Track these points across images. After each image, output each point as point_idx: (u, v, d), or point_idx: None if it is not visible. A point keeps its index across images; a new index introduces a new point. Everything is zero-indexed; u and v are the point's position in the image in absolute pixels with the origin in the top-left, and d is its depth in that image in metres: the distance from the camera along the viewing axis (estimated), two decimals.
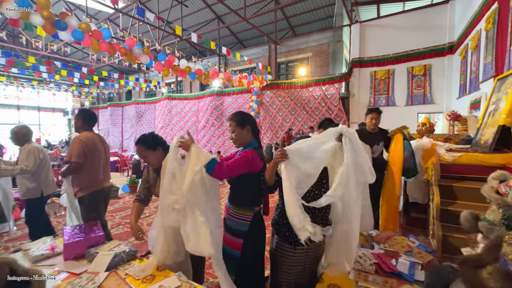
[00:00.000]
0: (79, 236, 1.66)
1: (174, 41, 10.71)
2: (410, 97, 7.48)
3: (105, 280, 1.39)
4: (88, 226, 1.83)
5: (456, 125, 4.13)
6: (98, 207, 2.52)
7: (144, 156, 1.75)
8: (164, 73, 6.74)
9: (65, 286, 1.31)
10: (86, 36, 5.00)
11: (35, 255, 1.59)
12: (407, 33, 7.48)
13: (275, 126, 10.19)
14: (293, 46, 11.20)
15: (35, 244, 1.74)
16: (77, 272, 1.45)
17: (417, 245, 1.73)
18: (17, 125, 2.89)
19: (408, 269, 1.43)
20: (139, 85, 12.89)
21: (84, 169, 2.43)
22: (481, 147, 2.86)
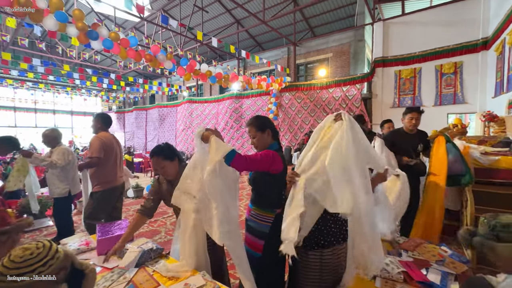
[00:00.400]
0: (111, 233, 1.77)
1: (195, 46, 11.03)
2: (439, 97, 7.07)
3: (135, 275, 1.46)
4: (118, 224, 1.94)
5: (492, 126, 3.84)
6: (108, 203, 2.74)
7: (162, 167, 1.70)
8: (186, 77, 6.97)
9: (98, 279, 1.40)
10: (115, 45, 5.32)
11: (72, 249, 1.72)
12: (435, 30, 7.09)
13: (294, 128, 10.10)
14: (312, 47, 11.07)
15: (72, 239, 1.87)
16: (110, 266, 1.54)
17: (450, 255, 1.63)
18: (47, 129, 3.12)
19: (440, 280, 1.36)
20: (162, 89, 13.43)
21: (103, 165, 2.65)
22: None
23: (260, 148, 1.69)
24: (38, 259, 0.73)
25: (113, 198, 2.77)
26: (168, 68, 6.45)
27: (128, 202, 5.25)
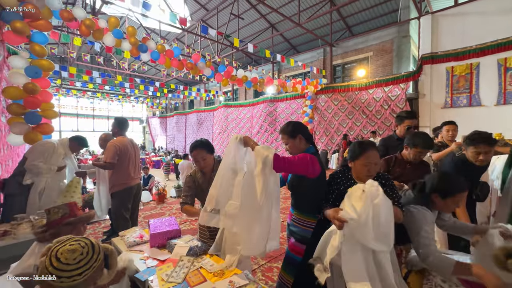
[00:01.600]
0: (161, 228, 1.92)
1: (231, 52, 11.43)
2: (503, 95, 6.19)
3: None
4: (168, 221, 2.10)
5: None
6: (127, 201, 2.96)
7: (204, 159, 1.87)
8: (223, 83, 7.25)
9: (166, 270, 1.53)
10: (161, 56, 5.80)
11: (129, 241, 1.91)
12: (496, 19, 6.26)
13: (331, 131, 9.78)
14: (350, 47, 10.64)
15: (129, 232, 2.08)
16: (162, 259, 1.67)
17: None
18: (103, 133, 3.56)
19: None
20: (200, 94, 14.19)
21: (117, 169, 2.89)
22: None
23: (294, 154, 1.69)
24: (89, 257, 0.88)
25: (129, 197, 3.01)
26: (207, 75, 6.79)
27: (171, 201, 5.63)
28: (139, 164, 3.20)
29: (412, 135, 1.95)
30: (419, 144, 1.86)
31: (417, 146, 1.86)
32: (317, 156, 1.64)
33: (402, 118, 2.36)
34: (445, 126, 2.80)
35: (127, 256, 1.62)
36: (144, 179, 7.08)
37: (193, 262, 1.60)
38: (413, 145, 1.88)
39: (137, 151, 3.17)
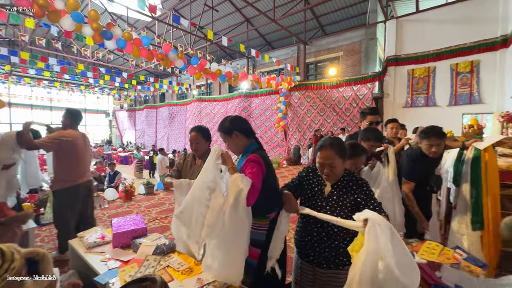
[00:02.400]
0: (125, 227, 1.82)
1: (205, 45, 11.12)
2: (454, 97, 6.87)
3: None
4: (133, 219, 1.99)
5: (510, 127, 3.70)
6: (73, 202, 2.61)
7: (197, 143, 1.96)
8: (196, 76, 7.04)
9: (130, 271, 1.46)
10: (128, 44, 5.43)
11: (88, 242, 1.78)
12: (451, 27, 6.88)
13: (303, 127, 10.05)
14: (322, 46, 10.96)
15: (89, 233, 1.94)
16: (125, 259, 1.58)
17: (465, 258, 1.59)
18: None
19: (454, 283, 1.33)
20: (172, 88, 13.63)
21: (63, 164, 2.56)
22: None
23: (237, 153, 1.59)
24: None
25: (76, 197, 2.65)
26: (179, 67, 6.54)
27: (140, 198, 5.37)
28: (89, 161, 2.90)
29: (364, 130, 2.12)
30: (372, 138, 2.00)
31: (370, 140, 2.00)
32: (261, 152, 1.53)
33: (365, 114, 2.50)
34: (389, 124, 3.02)
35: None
36: (110, 176, 6.65)
37: (160, 261, 1.54)
38: (366, 139, 2.01)
39: (88, 147, 2.85)
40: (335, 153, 1.26)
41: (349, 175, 1.36)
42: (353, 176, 1.36)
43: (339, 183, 1.34)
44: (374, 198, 1.28)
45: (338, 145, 1.29)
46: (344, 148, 1.31)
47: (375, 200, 1.27)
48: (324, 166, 1.28)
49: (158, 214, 4.35)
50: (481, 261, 1.58)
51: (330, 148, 1.27)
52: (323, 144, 1.30)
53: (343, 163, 1.31)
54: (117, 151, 15.99)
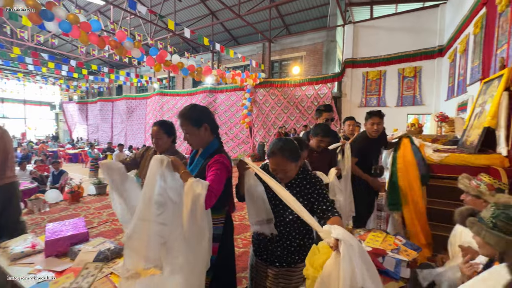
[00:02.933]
0: (61, 233, 1.61)
1: (166, 35, 10.53)
2: (401, 98, 7.62)
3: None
4: (72, 224, 1.78)
5: (443, 126, 4.22)
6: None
7: (159, 138, 1.86)
8: (156, 68, 6.62)
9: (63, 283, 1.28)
10: (74, 28, 4.85)
11: (13, 253, 1.53)
12: (399, 35, 7.59)
13: (268, 124, 10.20)
14: (287, 45, 11.21)
15: (16, 241, 1.67)
16: (59, 270, 1.40)
17: (404, 243, 1.76)
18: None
19: (394, 267, 1.45)
20: (130, 80, 12.65)
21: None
22: (467, 148, 2.92)
23: (195, 146, 1.48)
24: None
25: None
26: (136, 57, 6.07)
27: (89, 199, 4.88)
28: (11, 160, 2.48)
29: (314, 126, 2.23)
30: (320, 132, 2.09)
31: (318, 135, 2.09)
32: (224, 151, 1.47)
33: (321, 111, 2.60)
34: (347, 122, 3.29)
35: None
36: (54, 176, 5.91)
37: (102, 269, 1.39)
38: (315, 134, 2.11)
39: (8, 143, 2.41)
40: (286, 158, 1.21)
41: (304, 173, 1.33)
42: (307, 175, 1.33)
43: (293, 181, 1.32)
44: (327, 197, 1.28)
45: (289, 150, 1.23)
46: (296, 150, 1.26)
47: (327, 199, 1.26)
48: (276, 171, 1.25)
49: (110, 216, 4.00)
50: (415, 245, 1.77)
51: (280, 154, 1.22)
52: (273, 150, 1.24)
53: (296, 165, 1.27)
54: (66, 148, 14.33)
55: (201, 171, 1.41)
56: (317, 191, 1.28)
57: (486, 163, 2.49)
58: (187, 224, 1.16)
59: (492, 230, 0.92)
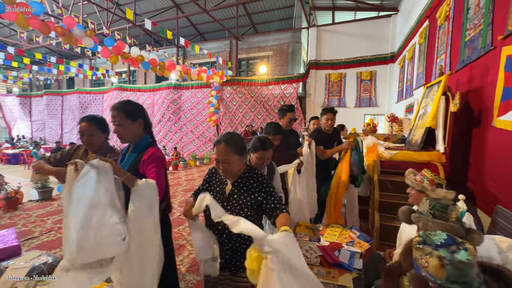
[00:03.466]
0: None
1: (125, 26, 9.79)
2: (359, 100, 8.18)
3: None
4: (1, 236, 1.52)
5: (394, 126, 4.63)
6: None
7: (91, 135, 1.62)
8: (112, 60, 6.09)
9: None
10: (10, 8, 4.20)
11: None
12: (358, 41, 8.13)
13: (235, 122, 10.13)
14: (254, 43, 11.24)
15: None
16: None
17: (358, 236, 1.87)
18: None
19: (348, 259, 1.53)
20: (83, 72, 11.47)
21: None
22: (412, 146, 3.24)
23: (126, 140, 1.44)
24: None
25: None
26: (88, 47, 5.50)
27: (29, 206, 4.28)
28: None
29: (266, 125, 2.25)
30: (271, 131, 2.12)
31: (269, 133, 2.10)
32: (156, 146, 1.48)
33: (285, 111, 2.64)
34: (312, 121, 3.62)
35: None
36: None
37: (35, 286, 1.21)
38: (267, 133, 2.13)
39: None
40: (230, 149, 1.20)
41: (250, 172, 1.30)
42: (254, 173, 1.31)
43: (239, 180, 1.28)
44: (274, 194, 1.26)
45: (234, 142, 1.22)
46: (241, 145, 1.25)
47: (275, 197, 1.25)
48: (219, 162, 1.22)
49: (55, 223, 3.57)
50: (368, 236, 1.89)
51: (225, 144, 1.21)
52: (219, 139, 1.24)
53: (240, 160, 1.25)
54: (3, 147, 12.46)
55: (133, 165, 1.37)
56: (264, 190, 1.26)
57: (427, 159, 2.78)
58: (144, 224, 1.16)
59: (434, 220, 1.03)
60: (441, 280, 0.64)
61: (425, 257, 0.68)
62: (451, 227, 1.03)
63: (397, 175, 3.04)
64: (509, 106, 1.98)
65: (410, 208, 1.33)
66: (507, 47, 2.07)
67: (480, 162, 2.50)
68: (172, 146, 10.64)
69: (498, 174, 2.18)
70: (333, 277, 1.40)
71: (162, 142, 11.22)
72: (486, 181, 2.38)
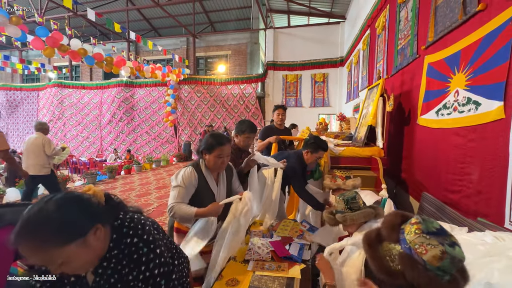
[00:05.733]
0: None
1: (64, 15, 8.72)
2: (313, 100, 8.67)
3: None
4: None
5: (342, 124, 5.02)
6: None
7: None
8: (46, 53, 5.36)
9: None
10: None
11: None
12: (311, 44, 8.60)
13: (194, 122, 9.84)
14: (212, 42, 11.06)
15: None
16: None
17: (307, 228, 1.97)
18: None
19: (297, 251, 1.60)
20: (11, 65, 9.85)
21: None
22: (357, 142, 3.56)
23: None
24: None
25: None
26: (14, 36, 4.74)
27: None
28: None
29: (238, 123, 2.13)
30: (246, 129, 2.04)
31: (245, 132, 2.05)
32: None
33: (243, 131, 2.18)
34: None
35: None
36: None
37: None
38: (241, 132, 2.05)
39: None
40: (43, 241, 0.63)
41: (118, 243, 0.76)
42: (125, 245, 0.76)
43: (102, 263, 0.76)
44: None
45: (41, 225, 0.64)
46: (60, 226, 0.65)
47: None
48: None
49: None
50: (316, 227, 2.01)
51: (25, 237, 0.63)
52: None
53: (82, 246, 0.67)
54: None
55: None
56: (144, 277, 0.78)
57: (369, 154, 3.08)
58: None
59: (353, 212, 1.19)
60: (431, 266, 0.69)
61: (426, 246, 0.70)
62: (367, 212, 1.21)
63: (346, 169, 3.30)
64: (429, 106, 2.31)
65: (331, 211, 1.46)
66: (429, 55, 2.41)
67: (410, 155, 2.87)
68: (124, 148, 9.84)
69: (423, 165, 2.52)
70: (283, 270, 1.44)
71: (113, 144, 10.29)
72: (415, 172, 2.74)
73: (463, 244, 0.73)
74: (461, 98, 1.81)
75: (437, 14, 2.29)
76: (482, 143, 1.62)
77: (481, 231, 1.36)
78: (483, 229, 1.42)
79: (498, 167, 1.46)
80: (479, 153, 1.65)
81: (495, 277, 0.93)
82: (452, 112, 1.94)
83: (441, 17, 2.22)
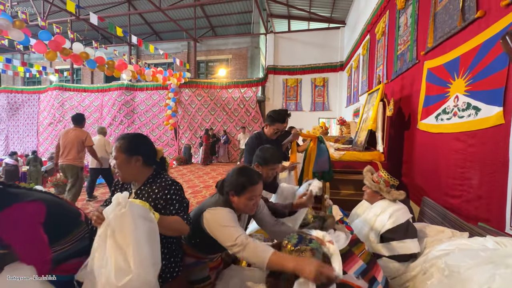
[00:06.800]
0: None
1: (67, 19, 8.80)
2: (313, 104, 8.71)
3: None
4: None
5: (342, 128, 5.04)
6: None
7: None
8: (48, 56, 5.39)
9: None
10: None
11: None
12: (311, 49, 8.67)
13: (194, 126, 9.85)
14: (213, 46, 11.14)
15: None
16: None
17: None
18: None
19: None
20: (13, 68, 9.91)
21: None
22: (358, 147, 3.57)
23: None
24: None
25: None
26: (17, 40, 4.78)
27: None
28: None
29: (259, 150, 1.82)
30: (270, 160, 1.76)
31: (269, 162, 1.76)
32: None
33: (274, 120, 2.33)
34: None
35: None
36: None
37: None
38: (265, 163, 1.75)
39: None
40: (118, 145, 1.18)
41: (155, 177, 1.22)
42: (158, 178, 1.22)
43: (142, 187, 1.22)
44: (175, 203, 1.16)
45: (124, 138, 1.20)
46: (131, 144, 1.19)
47: (174, 206, 1.16)
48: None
49: None
50: None
51: (116, 140, 1.22)
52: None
53: (128, 161, 1.17)
54: None
55: None
56: (164, 196, 1.16)
57: (370, 158, 3.08)
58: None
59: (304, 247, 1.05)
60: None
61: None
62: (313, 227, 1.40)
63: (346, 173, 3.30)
64: (429, 111, 2.32)
65: (320, 217, 1.60)
66: (428, 61, 2.43)
67: (410, 160, 2.87)
68: None
69: (423, 169, 2.53)
70: None
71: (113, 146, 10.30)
72: (415, 176, 2.74)
73: (464, 249, 0.74)
74: (461, 103, 1.83)
75: (436, 21, 2.32)
76: (482, 148, 1.63)
77: (482, 236, 1.36)
78: (484, 234, 1.41)
79: (498, 172, 1.47)
80: (479, 158, 1.65)
81: (496, 282, 0.93)
82: (452, 117, 1.95)
83: (440, 24, 2.25)
